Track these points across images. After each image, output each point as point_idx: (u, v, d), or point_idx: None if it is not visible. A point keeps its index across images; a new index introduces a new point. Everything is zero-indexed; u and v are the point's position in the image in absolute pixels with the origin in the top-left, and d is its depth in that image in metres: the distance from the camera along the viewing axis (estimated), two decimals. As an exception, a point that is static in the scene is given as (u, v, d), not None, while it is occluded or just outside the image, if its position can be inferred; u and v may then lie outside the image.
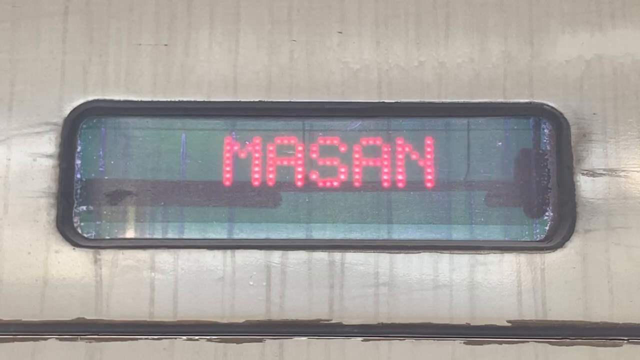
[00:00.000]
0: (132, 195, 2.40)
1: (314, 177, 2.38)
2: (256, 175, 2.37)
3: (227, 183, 2.38)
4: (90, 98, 2.36)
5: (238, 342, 2.25)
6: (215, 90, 2.36)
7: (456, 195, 2.39)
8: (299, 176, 2.38)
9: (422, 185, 2.38)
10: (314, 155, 2.39)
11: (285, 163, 2.39)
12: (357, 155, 2.39)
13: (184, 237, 2.37)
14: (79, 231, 2.34)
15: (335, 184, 2.38)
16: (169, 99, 2.36)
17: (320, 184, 2.38)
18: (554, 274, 2.27)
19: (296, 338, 2.26)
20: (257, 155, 2.38)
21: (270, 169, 2.38)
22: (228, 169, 2.38)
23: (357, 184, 2.38)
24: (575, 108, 2.34)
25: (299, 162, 2.39)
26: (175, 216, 2.39)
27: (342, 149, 2.40)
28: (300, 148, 2.39)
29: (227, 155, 2.38)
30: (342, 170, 2.39)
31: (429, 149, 2.38)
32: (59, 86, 2.36)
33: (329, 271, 2.28)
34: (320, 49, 2.39)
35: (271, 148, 2.39)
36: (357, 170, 2.38)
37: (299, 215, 2.38)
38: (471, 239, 2.37)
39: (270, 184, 2.37)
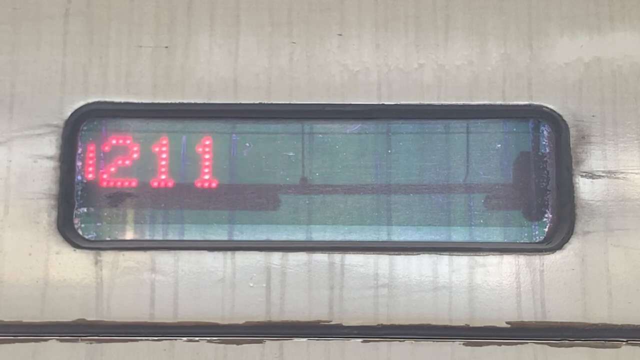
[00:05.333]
0: (132, 197, 2.40)
1: (313, 178, 2.39)
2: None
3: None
4: (91, 100, 2.36)
5: (238, 343, 2.26)
6: (216, 92, 2.37)
7: (455, 198, 2.39)
8: (299, 177, 2.39)
9: (423, 187, 2.39)
10: (314, 157, 2.40)
11: (285, 164, 2.40)
12: (355, 157, 2.39)
13: (184, 238, 2.38)
14: (80, 233, 2.34)
15: (335, 185, 2.38)
16: (169, 101, 2.36)
17: (320, 186, 2.38)
18: (553, 275, 2.27)
19: (296, 339, 2.26)
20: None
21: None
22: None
23: (356, 185, 2.38)
24: (574, 110, 2.34)
25: (299, 163, 2.39)
26: (176, 218, 2.39)
27: (341, 150, 2.40)
28: (300, 149, 2.40)
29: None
30: (342, 171, 2.39)
31: (424, 150, 2.39)
32: (59, 88, 2.36)
33: (329, 272, 2.28)
34: (320, 51, 2.39)
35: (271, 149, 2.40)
36: (356, 171, 2.38)
37: (299, 217, 2.39)
38: (470, 240, 2.37)
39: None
